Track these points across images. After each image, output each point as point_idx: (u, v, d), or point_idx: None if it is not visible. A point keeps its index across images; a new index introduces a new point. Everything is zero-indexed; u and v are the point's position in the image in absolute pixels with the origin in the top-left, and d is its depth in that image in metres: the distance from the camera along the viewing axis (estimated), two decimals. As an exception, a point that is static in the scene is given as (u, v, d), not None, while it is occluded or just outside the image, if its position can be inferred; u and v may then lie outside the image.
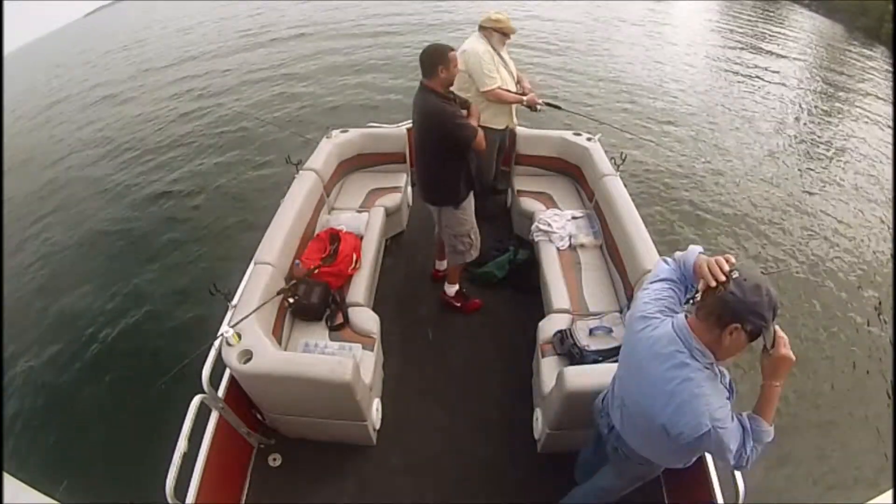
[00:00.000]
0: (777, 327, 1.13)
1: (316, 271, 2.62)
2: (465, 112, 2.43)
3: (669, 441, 1.24)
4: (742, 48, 12.12)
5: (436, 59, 2.23)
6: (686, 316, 1.23)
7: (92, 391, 3.67)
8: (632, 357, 1.36)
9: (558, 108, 3.46)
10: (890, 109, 8.92)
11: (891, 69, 11.52)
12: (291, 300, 2.46)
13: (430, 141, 2.43)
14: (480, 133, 2.36)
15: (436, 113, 2.29)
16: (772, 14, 16.51)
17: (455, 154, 2.42)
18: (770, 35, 13.71)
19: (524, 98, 3.13)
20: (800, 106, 9.01)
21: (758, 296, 1.07)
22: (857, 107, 9.23)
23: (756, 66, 10.77)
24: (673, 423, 1.19)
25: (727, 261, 1.13)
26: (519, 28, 3.19)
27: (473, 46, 2.96)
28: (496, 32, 2.99)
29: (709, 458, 1.88)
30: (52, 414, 3.56)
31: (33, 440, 3.38)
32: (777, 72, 10.59)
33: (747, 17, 15.66)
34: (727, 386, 1.24)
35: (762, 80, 10.03)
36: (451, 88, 2.38)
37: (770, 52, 11.97)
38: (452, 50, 2.28)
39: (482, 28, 3.02)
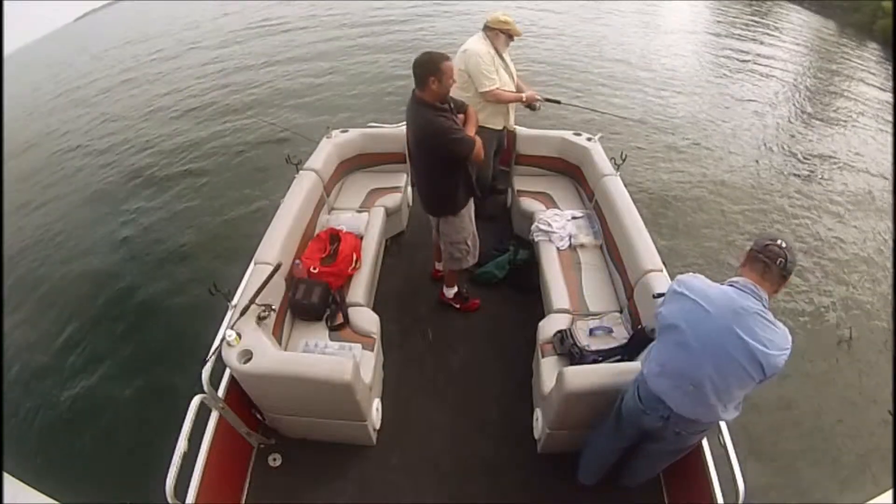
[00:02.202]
0: None
1: (315, 269, 2.62)
2: (461, 116, 2.36)
3: (754, 385, 1.47)
4: (734, 44, 12.10)
5: (428, 70, 2.09)
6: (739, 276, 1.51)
7: (92, 391, 3.67)
8: (699, 333, 1.47)
9: (558, 102, 3.43)
10: (885, 103, 8.95)
11: (885, 65, 11.54)
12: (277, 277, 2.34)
13: (426, 156, 2.36)
14: (479, 144, 2.27)
15: (430, 128, 2.18)
16: (764, 10, 16.52)
17: (452, 166, 2.34)
18: (763, 31, 13.69)
19: (523, 96, 3.12)
20: (793, 101, 9.03)
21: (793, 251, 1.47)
22: (851, 100, 9.25)
23: (749, 63, 10.77)
24: (771, 361, 1.41)
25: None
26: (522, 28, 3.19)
27: (474, 47, 2.96)
28: (502, 34, 2.99)
29: (709, 457, 1.88)
30: (52, 414, 3.56)
31: (33, 440, 3.38)
32: (770, 68, 10.59)
33: (739, 13, 15.65)
34: None
35: (755, 75, 10.04)
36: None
37: (763, 48, 11.95)
38: (447, 59, 2.13)
39: (487, 28, 3.01)
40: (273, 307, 2.19)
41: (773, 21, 15.26)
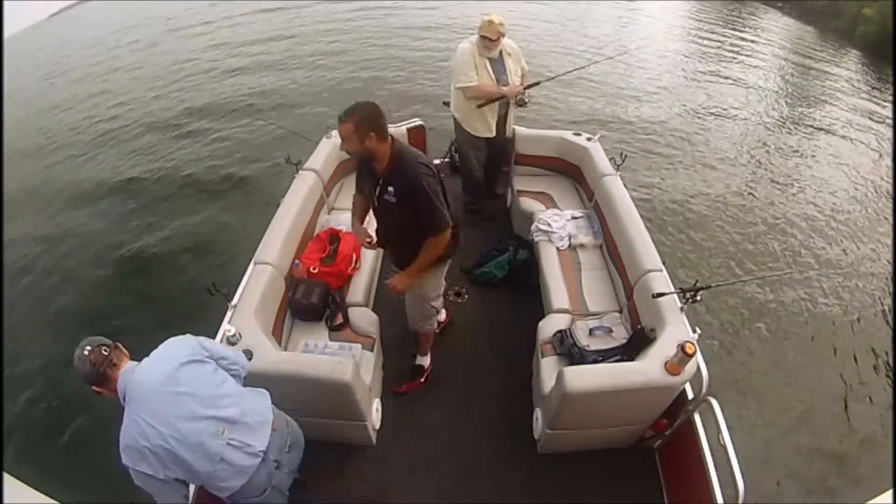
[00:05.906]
0: None
1: (315, 269, 2.62)
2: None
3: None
4: (714, 50, 12.09)
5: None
6: None
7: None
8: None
9: (538, 83, 3.26)
10: (866, 102, 9.03)
11: (865, 72, 11.61)
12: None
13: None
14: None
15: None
16: (744, 15, 16.50)
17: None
18: (743, 37, 13.67)
19: (503, 89, 3.01)
20: (774, 107, 9.07)
21: None
22: (835, 106, 9.32)
23: (729, 69, 10.77)
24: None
25: None
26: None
27: (460, 46, 3.05)
28: (480, 37, 2.95)
29: (709, 457, 1.89)
30: (52, 414, 3.56)
31: (33, 440, 3.38)
32: (750, 74, 10.62)
33: (718, 18, 15.58)
34: None
35: (736, 83, 10.04)
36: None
37: (744, 54, 11.95)
38: (342, 121, 1.92)
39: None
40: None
41: (753, 27, 15.24)
